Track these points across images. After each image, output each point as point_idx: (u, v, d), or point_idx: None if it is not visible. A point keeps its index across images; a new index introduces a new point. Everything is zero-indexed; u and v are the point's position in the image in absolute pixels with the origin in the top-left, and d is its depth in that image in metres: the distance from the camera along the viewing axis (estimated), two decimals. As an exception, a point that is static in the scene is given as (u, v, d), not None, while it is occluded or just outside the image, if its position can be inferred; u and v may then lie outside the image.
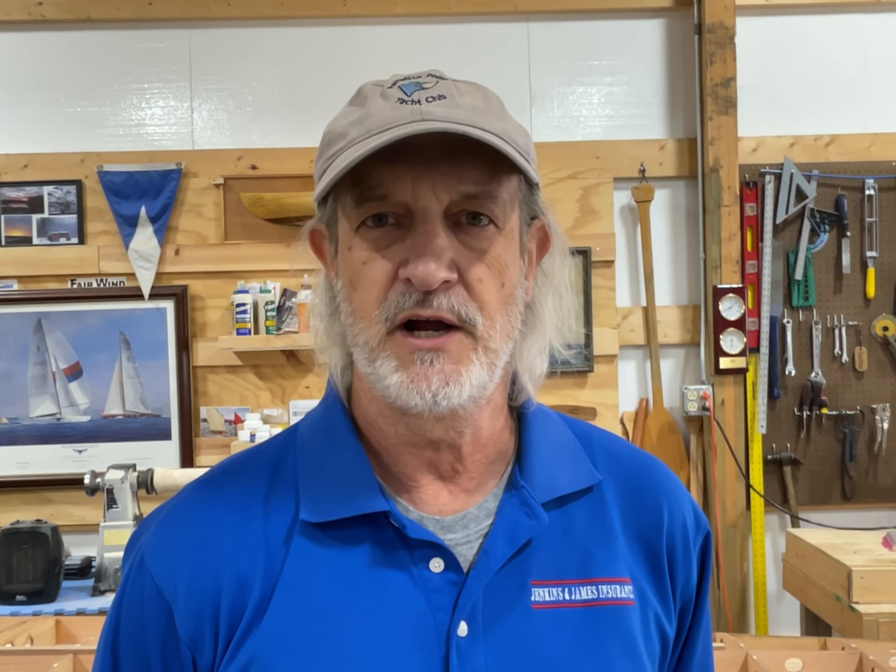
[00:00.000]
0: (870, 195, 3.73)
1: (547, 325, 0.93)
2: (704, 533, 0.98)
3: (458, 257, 0.83)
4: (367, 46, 3.71)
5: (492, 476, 0.92)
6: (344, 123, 0.87)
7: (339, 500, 0.87)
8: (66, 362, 3.66)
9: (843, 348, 3.73)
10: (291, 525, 0.88)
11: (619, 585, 0.90)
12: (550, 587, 0.88)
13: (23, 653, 2.09)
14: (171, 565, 0.88)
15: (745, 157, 3.71)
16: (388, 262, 0.84)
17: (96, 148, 3.69)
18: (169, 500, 0.94)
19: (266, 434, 3.43)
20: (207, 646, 0.86)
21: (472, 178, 0.83)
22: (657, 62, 3.78)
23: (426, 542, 0.86)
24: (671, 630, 0.94)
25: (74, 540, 3.27)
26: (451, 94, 0.86)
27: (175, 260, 3.67)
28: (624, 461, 0.98)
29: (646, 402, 3.74)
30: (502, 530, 0.88)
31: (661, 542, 0.94)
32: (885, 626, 2.56)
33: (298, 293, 3.51)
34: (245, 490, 0.90)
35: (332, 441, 0.92)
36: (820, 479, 3.75)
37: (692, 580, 0.96)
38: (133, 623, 0.89)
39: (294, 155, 3.66)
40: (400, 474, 0.90)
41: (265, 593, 0.85)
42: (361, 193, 0.84)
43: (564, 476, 0.92)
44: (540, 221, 0.92)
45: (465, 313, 0.83)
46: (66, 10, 3.66)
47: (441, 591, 0.85)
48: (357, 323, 0.86)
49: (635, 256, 3.76)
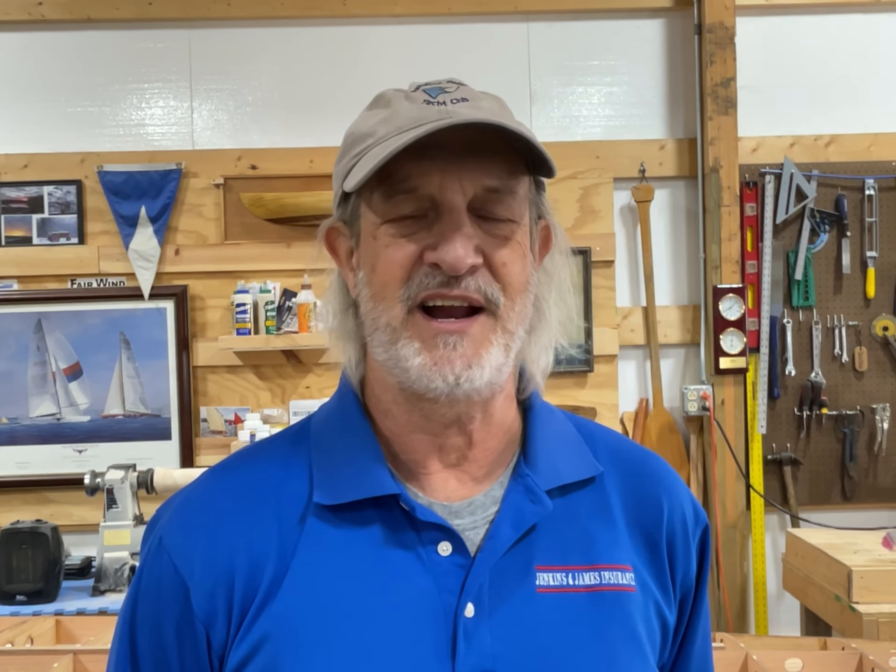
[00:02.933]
0: (870, 195, 3.73)
1: (551, 321, 0.96)
2: (703, 526, 1.01)
3: (483, 244, 0.88)
4: (367, 46, 3.71)
5: (499, 465, 0.95)
6: (370, 123, 0.91)
7: (351, 484, 0.90)
8: (66, 362, 3.66)
9: (843, 348, 3.73)
10: (305, 507, 0.90)
11: (620, 572, 0.92)
12: (554, 572, 0.90)
13: (23, 653, 2.09)
14: (188, 544, 0.90)
15: (745, 157, 3.71)
16: (413, 246, 0.88)
17: (96, 148, 3.69)
18: (186, 486, 0.97)
19: (266, 434, 3.43)
20: (221, 623, 0.88)
21: (494, 173, 0.88)
22: (657, 62, 3.78)
23: (435, 525, 0.89)
24: (672, 618, 0.97)
25: (74, 540, 3.27)
26: (473, 97, 0.91)
27: (175, 260, 3.67)
28: (624, 455, 1.01)
29: (646, 402, 3.74)
30: (508, 516, 0.91)
31: (661, 534, 0.97)
32: (885, 626, 2.56)
33: (298, 293, 3.51)
34: (260, 474, 0.94)
35: (345, 428, 0.95)
36: (820, 479, 3.75)
37: (691, 571, 0.99)
38: (150, 601, 0.92)
39: (294, 155, 3.66)
40: (410, 461, 0.93)
41: (278, 573, 0.88)
42: (391, 187, 0.87)
43: (567, 466, 0.95)
44: (545, 221, 0.97)
45: (491, 293, 0.88)
46: (66, 10, 3.66)
47: (449, 574, 0.88)
48: (378, 305, 0.89)
49: (635, 256, 3.76)
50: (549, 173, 0.93)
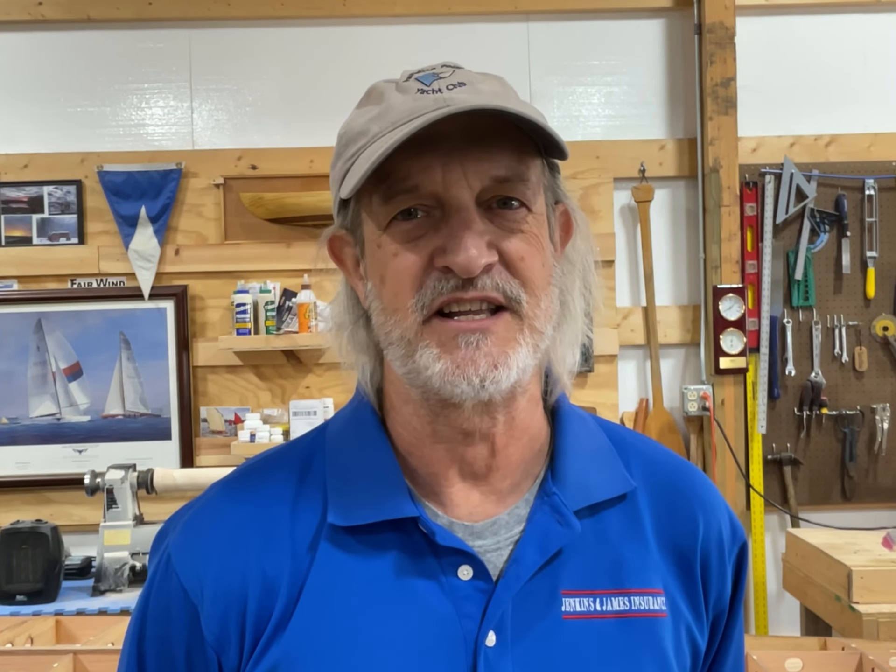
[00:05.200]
0: (870, 195, 3.72)
1: (577, 315, 0.90)
2: (741, 543, 0.95)
3: (496, 239, 0.81)
4: (367, 46, 3.71)
5: (525, 478, 0.89)
6: (362, 121, 0.85)
7: (368, 504, 0.85)
8: (66, 362, 3.66)
9: (843, 348, 3.73)
10: (319, 528, 0.86)
11: (651, 597, 0.87)
12: (581, 597, 0.85)
13: (23, 653, 2.09)
14: (197, 567, 0.86)
15: (745, 157, 3.71)
16: (421, 252, 0.81)
17: (96, 148, 3.69)
18: (196, 499, 0.92)
19: (266, 434, 3.43)
20: (233, 648, 0.84)
21: (502, 161, 0.81)
22: (657, 62, 3.78)
23: (455, 550, 0.84)
24: (703, 642, 0.92)
25: (74, 540, 3.27)
26: (471, 80, 0.84)
27: (175, 260, 3.67)
28: (659, 468, 0.94)
29: (646, 402, 3.74)
30: (533, 538, 0.85)
31: (695, 553, 0.91)
32: (885, 626, 2.56)
33: (298, 293, 3.51)
34: (272, 490, 0.89)
35: (361, 443, 0.90)
36: (820, 479, 3.75)
37: (726, 591, 0.94)
38: (159, 623, 0.88)
39: (294, 155, 3.66)
40: (430, 475, 0.88)
41: (291, 597, 0.83)
42: (389, 188, 0.81)
43: (598, 482, 0.89)
44: (563, 206, 0.90)
45: (511, 290, 0.81)
46: (66, 10, 3.66)
47: (469, 599, 0.83)
48: (390, 318, 0.83)
49: (635, 256, 3.76)
50: (562, 155, 0.86)
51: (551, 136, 0.82)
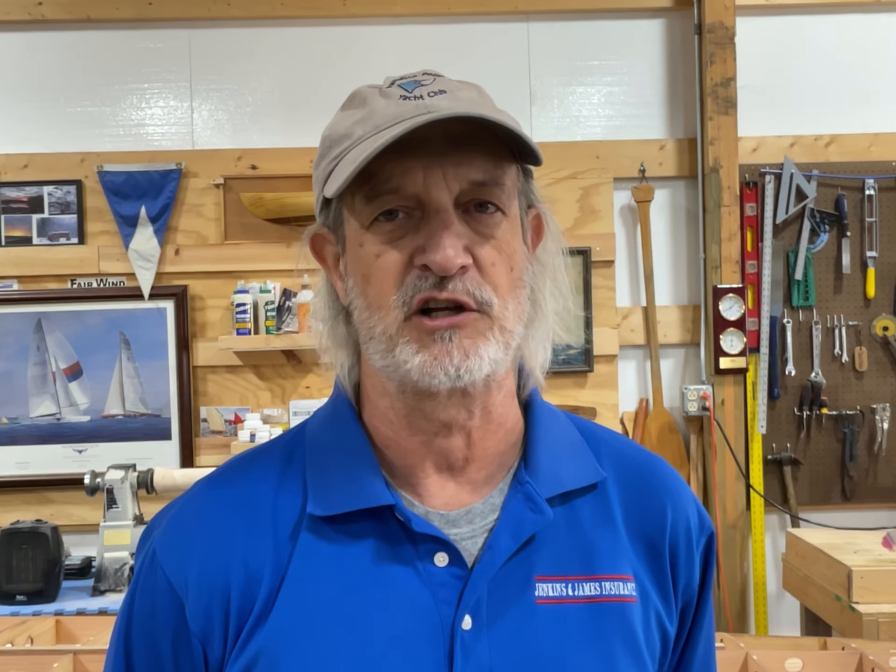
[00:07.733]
0: (870, 195, 3.73)
1: (548, 313, 0.94)
2: (708, 533, 0.99)
3: (472, 244, 0.85)
4: (367, 46, 3.71)
5: (500, 469, 0.93)
6: (346, 124, 0.88)
7: (346, 494, 0.88)
8: (66, 362, 3.66)
9: (843, 348, 3.73)
10: (299, 518, 0.89)
11: (621, 582, 0.90)
12: (554, 583, 0.89)
13: (23, 653, 2.09)
14: (181, 560, 0.89)
15: (745, 157, 3.71)
16: (402, 252, 0.85)
17: (96, 148, 3.69)
18: (181, 496, 0.95)
19: (266, 434, 3.43)
20: (217, 639, 0.87)
21: (479, 166, 0.85)
22: (657, 62, 3.78)
23: (431, 537, 0.87)
24: (672, 628, 0.95)
25: (74, 540, 3.27)
26: (451, 88, 0.88)
27: (175, 260, 3.67)
28: (628, 459, 0.98)
29: (646, 402, 3.74)
30: (507, 525, 0.89)
31: (664, 541, 0.94)
32: (885, 626, 2.56)
33: (298, 293, 3.51)
34: (255, 484, 0.92)
35: (339, 435, 0.93)
36: (820, 479, 3.75)
37: (694, 580, 0.97)
38: (145, 616, 0.91)
39: (294, 155, 3.66)
40: (406, 467, 0.91)
41: (273, 587, 0.86)
42: (373, 188, 0.85)
43: (569, 472, 0.93)
44: (535, 210, 0.94)
45: (481, 295, 0.85)
46: (66, 10, 3.66)
47: (446, 586, 0.86)
48: (374, 315, 0.87)
49: (635, 256, 3.76)
50: (536, 161, 0.89)
51: (526, 142, 0.86)
